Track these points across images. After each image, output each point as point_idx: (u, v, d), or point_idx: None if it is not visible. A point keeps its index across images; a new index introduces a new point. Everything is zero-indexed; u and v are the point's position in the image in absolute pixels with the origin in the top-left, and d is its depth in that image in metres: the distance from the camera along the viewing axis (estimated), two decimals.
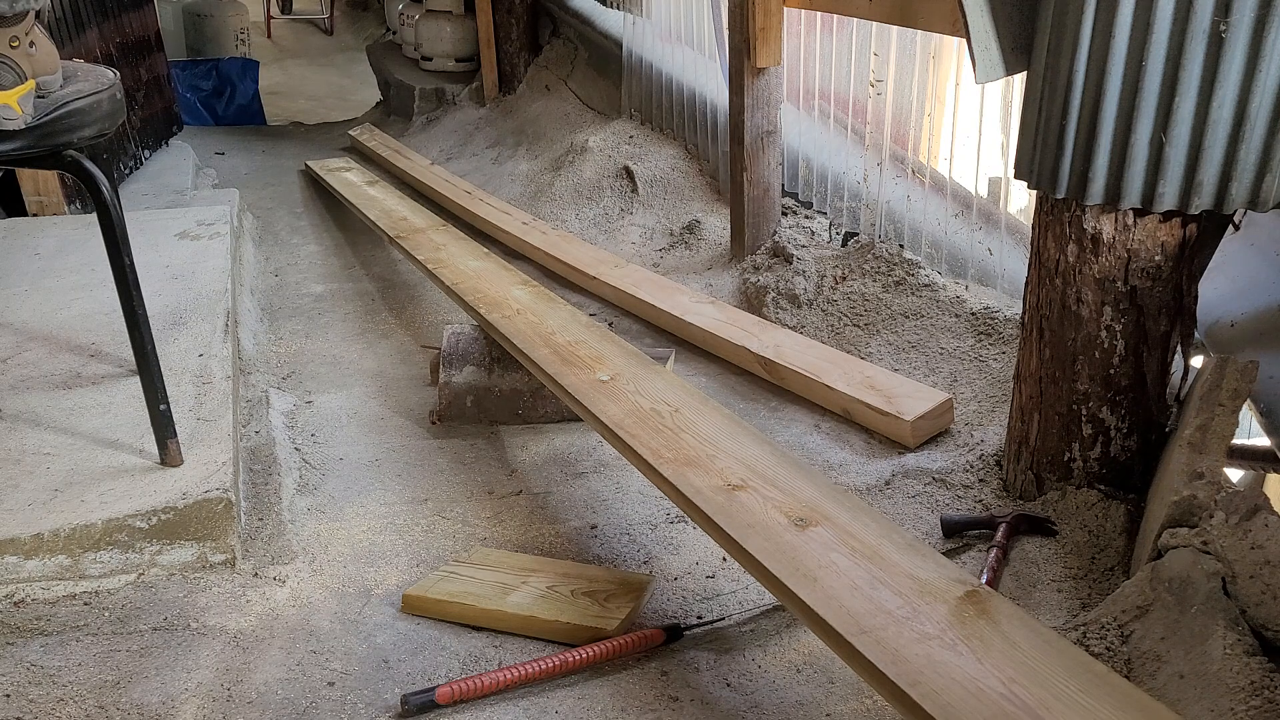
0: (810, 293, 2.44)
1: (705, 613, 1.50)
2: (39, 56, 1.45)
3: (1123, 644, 1.25)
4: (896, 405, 1.94)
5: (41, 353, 2.04)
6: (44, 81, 1.47)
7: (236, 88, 5.28)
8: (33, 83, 1.43)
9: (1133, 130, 1.34)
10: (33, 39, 1.44)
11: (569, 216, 3.40)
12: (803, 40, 2.83)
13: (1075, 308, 1.54)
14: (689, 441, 1.52)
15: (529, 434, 2.08)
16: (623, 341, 1.97)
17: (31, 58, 1.44)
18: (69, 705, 1.29)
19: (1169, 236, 1.45)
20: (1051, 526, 1.58)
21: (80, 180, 1.55)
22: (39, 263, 2.51)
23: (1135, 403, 1.55)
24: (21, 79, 1.41)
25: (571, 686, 1.34)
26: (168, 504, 1.56)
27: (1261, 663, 1.08)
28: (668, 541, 1.69)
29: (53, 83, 1.49)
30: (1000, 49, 1.47)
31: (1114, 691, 1.01)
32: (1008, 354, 2.08)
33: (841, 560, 1.23)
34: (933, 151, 2.50)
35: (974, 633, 1.10)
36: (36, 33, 1.46)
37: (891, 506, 1.75)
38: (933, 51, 2.38)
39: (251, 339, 2.45)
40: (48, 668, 1.36)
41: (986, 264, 2.34)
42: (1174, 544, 1.28)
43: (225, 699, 1.31)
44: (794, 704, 1.31)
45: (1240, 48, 1.26)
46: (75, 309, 2.25)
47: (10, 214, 3.03)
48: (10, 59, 1.40)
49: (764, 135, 2.70)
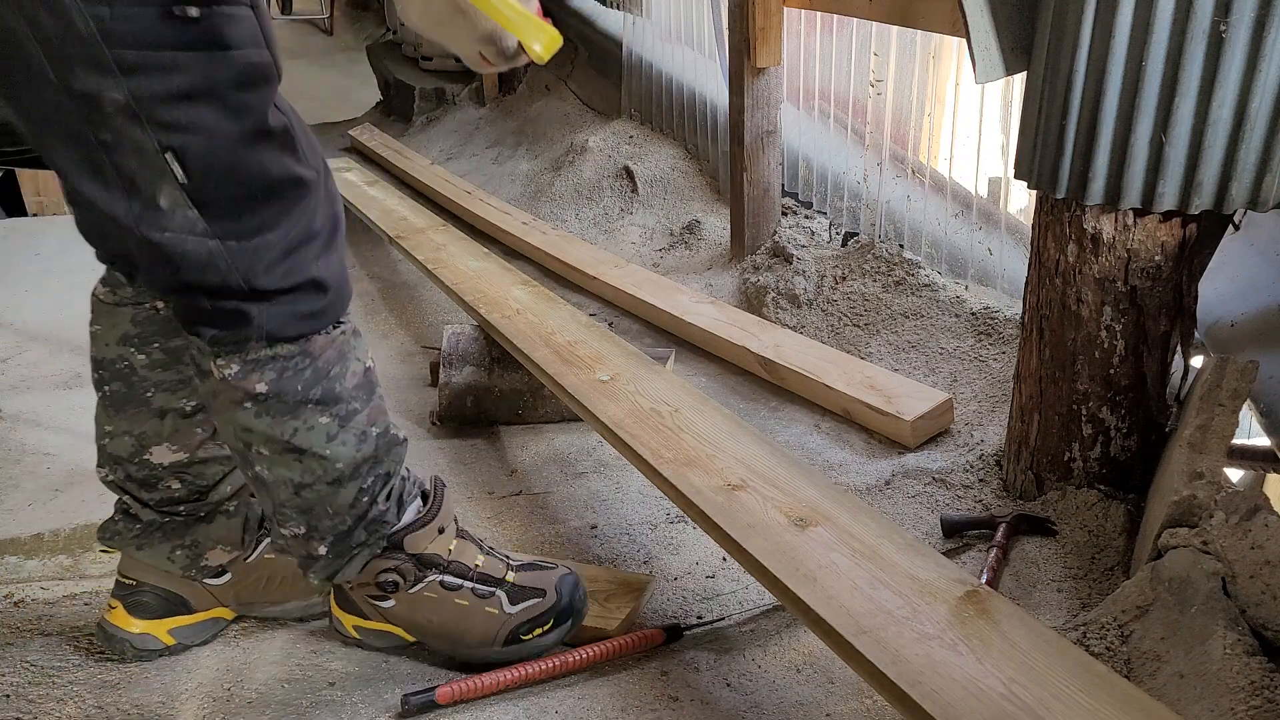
0: (810, 293, 2.44)
1: (705, 613, 1.50)
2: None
3: (1123, 644, 1.25)
4: (896, 405, 1.94)
5: (41, 353, 2.04)
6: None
7: None
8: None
9: (1133, 130, 1.34)
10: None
11: (569, 216, 3.40)
12: (803, 40, 2.83)
13: (1075, 308, 1.54)
14: (689, 441, 1.53)
15: (529, 434, 2.08)
16: (623, 341, 1.97)
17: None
18: (69, 705, 1.29)
19: (1169, 236, 1.45)
20: (1051, 526, 1.58)
21: None
22: (39, 263, 2.52)
23: (1135, 403, 1.55)
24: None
25: (571, 686, 1.34)
26: None
27: (1261, 663, 1.08)
28: (668, 541, 1.69)
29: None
30: (1000, 49, 1.47)
31: (1114, 691, 1.01)
32: (1008, 354, 2.08)
33: (841, 560, 1.23)
34: (933, 151, 2.50)
35: (974, 633, 1.10)
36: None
37: (891, 506, 1.75)
38: (933, 51, 2.38)
39: None
40: (47, 668, 1.36)
41: (986, 264, 2.34)
42: (1174, 544, 1.28)
43: (225, 699, 1.31)
44: (794, 704, 1.31)
45: (1240, 48, 1.26)
46: (75, 309, 2.24)
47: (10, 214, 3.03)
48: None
49: (764, 135, 2.70)
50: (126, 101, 0.93)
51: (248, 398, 1.14)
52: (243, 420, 1.16)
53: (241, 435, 1.18)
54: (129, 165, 0.97)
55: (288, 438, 1.17)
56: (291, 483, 1.20)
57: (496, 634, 1.33)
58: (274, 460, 1.19)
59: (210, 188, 1.01)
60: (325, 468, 1.20)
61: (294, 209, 1.07)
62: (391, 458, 1.27)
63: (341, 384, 1.18)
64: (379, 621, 1.36)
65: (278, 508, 1.24)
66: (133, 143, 0.95)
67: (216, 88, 0.96)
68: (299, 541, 1.26)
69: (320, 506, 1.22)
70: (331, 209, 1.14)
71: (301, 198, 1.07)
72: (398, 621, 1.35)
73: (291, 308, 1.11)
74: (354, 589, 1.35)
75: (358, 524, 1.26)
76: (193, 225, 1.02)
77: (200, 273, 1.06)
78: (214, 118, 0.97)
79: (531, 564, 1.40)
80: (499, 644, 1.33)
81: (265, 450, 1.18)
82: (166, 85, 0.93)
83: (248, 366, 1.12)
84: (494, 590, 1.34)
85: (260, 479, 1.22)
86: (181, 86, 0.94)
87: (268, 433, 1.16)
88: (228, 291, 1.07)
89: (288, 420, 1.16)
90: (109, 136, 0.95)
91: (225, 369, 1.13)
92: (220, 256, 1.04)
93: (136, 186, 0.99)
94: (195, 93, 0.95)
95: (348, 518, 1.24)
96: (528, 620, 1.33)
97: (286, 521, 1.24)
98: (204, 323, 1.11)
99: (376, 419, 1.24)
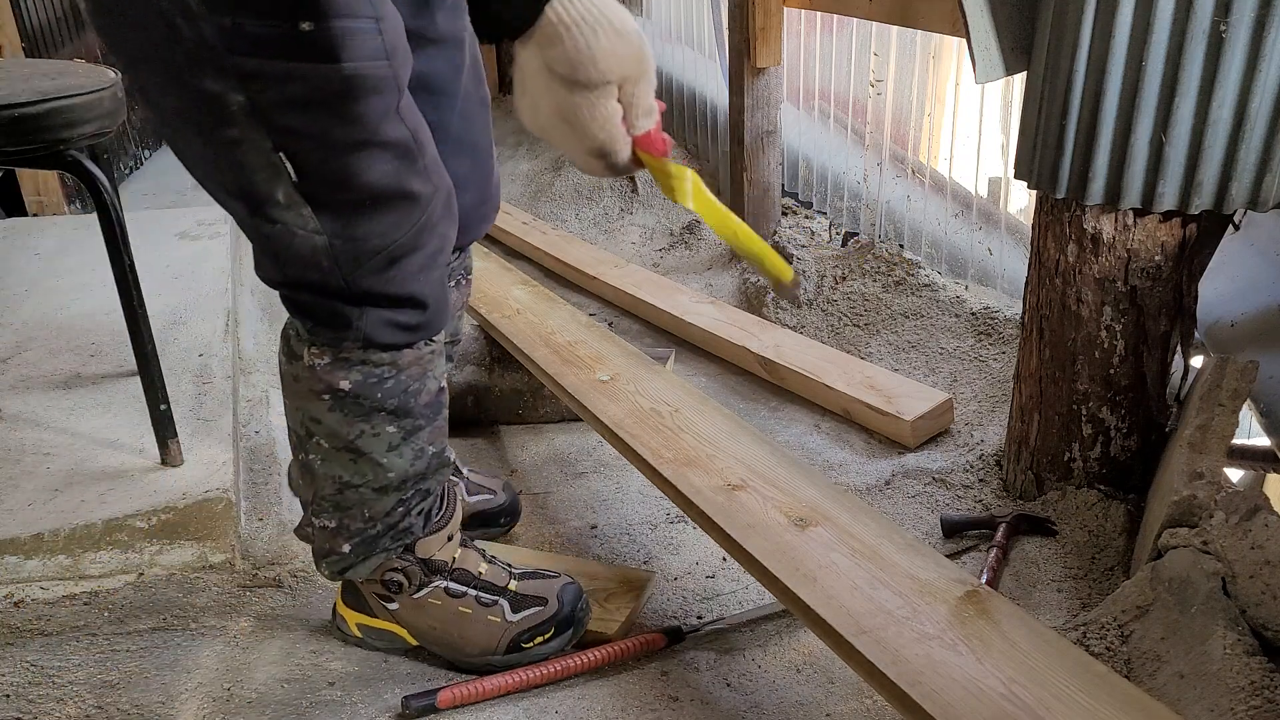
0: (810, 293, 2.44)
1: (705, 613, 1.50)
2: None
3: (1123, 644, 1.25)
4: (896, 405, 1.94)
5: (41, 353, 2.04)
6: None
7: None
8: None
9: (1133, 130, 1.34)
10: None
11: (569, 216, 3.40)
12: (803, 40, 2.83)
13: (1075, 308, 1.54)
14: (689, 441, 1.53)
15: (529, 434, 2.08)
16: (623, 341, 1.97)
17: None
18: (69, 705, 1.29)
19: (1169, 236, 1.45)
20: (1051, 526, 1.58)
21: (80, 180, 1.55)
22: (39, 263, 2.51)
23: (1135, 403, 1.55)
24: None
25: (571, 686, 1.34)
26: (168, 504, 1.55)
27: (1261, 663, 1.08)
28: (668, 541, 1.69)
29: None
30: (1000, 49, 1.47)
31: (1114, 691, 1.01)
32: (1008, 354, 2.08)
33: (841, 560, 1.23)
34: (933, 151, 2.50)
35: (974, 633, 1.10)
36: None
37: (891, 506, 1.75)
38: (933, 51, 2.38)
39: (251, 339, 2.45)
40: (47, 668, 1.36)
41: (986, 264, 2.34)
42: (1174, 544, 1.28)
43: (225, 699, 1.31)
44: (794, 704, 1.31)
45: (1240, 48, 1.26)
46: (75, 309, 2.25)
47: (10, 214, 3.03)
48: None
49: (764, 135, 2.70)
50: (246, 105, 0.98)
51: (329, 391, 1.16)
52: (315, 411, 1.18)
53: (308, 423, 1.20)
54: (250, 162, 1.02)
55: (352, 438, 1.19)
56: (339, 480, 1.22)
57: (498, 641, 1.33)
58: (330, 455, 1.21)
59: (321, 190, 1.04)
60: (377, 474, 1.22)
61: (404, 221, 1.08)
62: (437, 477, 1.29)
63: (416, 400, 1.20)
64: (384, 620, 1.37)
65: (317, 498, 1.25)
66: (252, 142, 1.00)
67: (328, 98, 0.98)
68: (326, 534, 1.28)
69: (358, 509, 1.24)
70: (446, 228, 1.14)
71: (411, 211, 1.08)
72: (402, 623, 1.36)
73: (390, 316, 1.13)
74: (362, 584, 1.36)
75: (386, 532, 1.28)
76: (304, 222, 1.05)
77: (304, 269, 1.09)
78: (325, 125, 1.00)
79: (533, 573, 1.41)
80: (500, 652, 1.34)
81: (326, 443, 1.20)
82: (281, 92, 0.97)
83: (339, 363, 1.15)
84: (497, 598, 1.35)
85: (309, 467, 1.24)
86: (294, 94, 0.97)
87: (335, 428, 1.18)
88: (329, 290, 1.10)
89: (358, 422, 1.18)
90: (234, 134, 1.00)
91: (318, 359, 1.15)
92: (325, 254, 1.07)
93: (255, 182, 1.03)
94: (307, 100, 0.98)
95: (380, 524, 1.26)
96: (529, 628, 1.34)
97: (321, 513, 1.26)
98: (305, 315, 1.15)
99: (436, 439, 1.26)
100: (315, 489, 1.25)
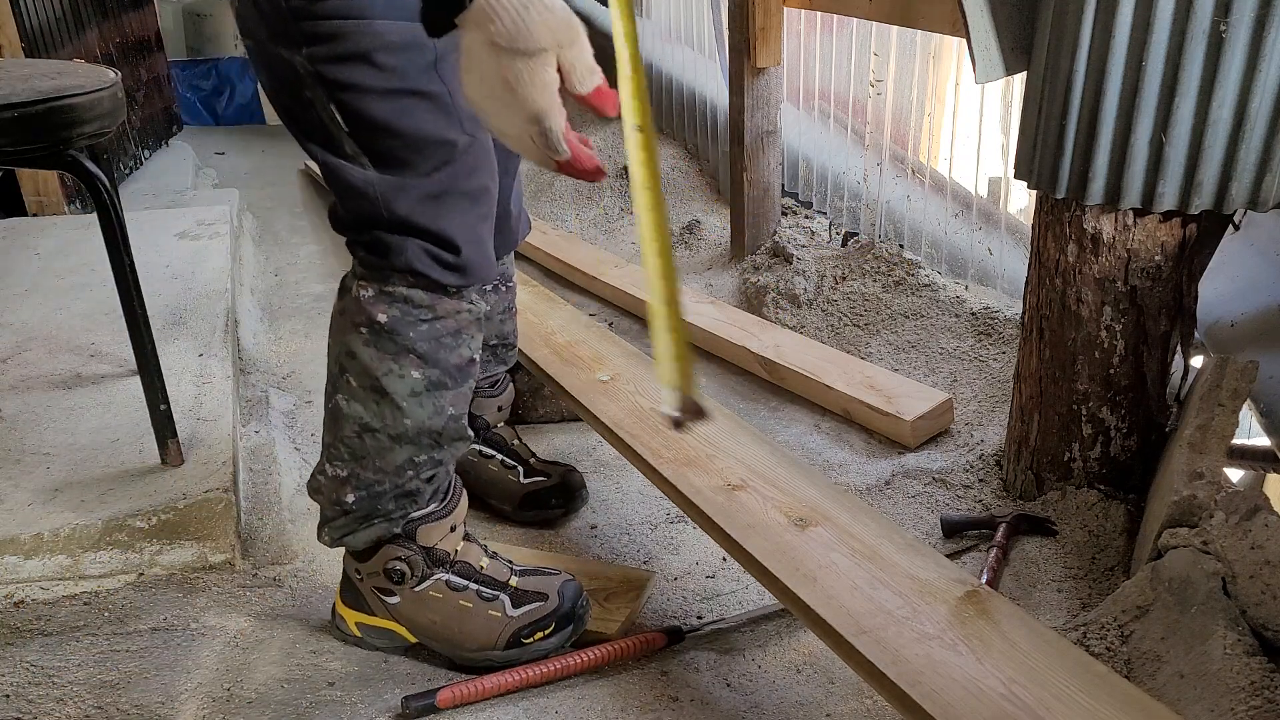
0: (810, 293, 2.44)
1: (705, 613, 1.50)
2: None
3: (1123, 644, 1.25)
4: (896, 405, 1.94)
5: (41, 353, 2.04)
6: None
7: (236, 87, 5.27)
8: None
9: (1133, 130, 1.34)
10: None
11: (569, 216, 3.40)
12: (803, 40, 2.83)
13: (1075, 308, 1.54)
14: (689, 441, 1.53)
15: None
16: (623, 341, 1.97)
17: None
18: (69, 705, 1.29)
19: (1169, 236, 1.45)
20: (1051, 526, 1.58)
21: (80, 180, 1.55)
22: (39, 263, 2.52)
23: (1135, 403, 1.55)
24: None
25: (571, 686, 1.34)
26: (168, 504, 1.56)
27: (1261, 663, 1.08)
28: (668, 541, 1.69)
29: None
30: (1000, 49, 1.47)
31: (1114, 691, 1.01)
32: (1008, 354, 2.08)
33: (841, 560, 1.23)
34: (933, 151, 2.50)
35: (974, 633, 1.10)
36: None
37: (891, 506, 1.75)
38: (933, 51, 2.38)
39: (251, 339, 2.45)
40: (47, 668, 1.36)
41: (986, 264, 2.34)
42: (1174, 544, 1.28)
43: (225, 699, 1.31)
44: (794, 704, 1.31)
45: (1240, 48, 1.26)
46: (75, 309, 2.25)
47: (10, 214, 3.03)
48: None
49: (764, 135, 2.70)
50: (308, 65, 1.13)
51: (368, 323, 1.24)
52: (352, 344, 1.25)
53: (343, 359, 1.27)
54: (321, 116, 1.17)
55: (380, 375, 1.25)
56: (360, 421, 1.27)
57: (498, 636, 1.34)
58: (357, 394, 1.27)
59: (366, 135, 1.17)
60: (396, 419, 1.27)
61: (444, 165, 1.20)
62: (451, 448, 1.33)
63: (446, 355, 1.27)
64: (383, 618, 1.37)
65: (336, 440, 1.30)
66: (318, 97, 1.16)
67: (367, 52, 1.12)
68: (335, 483, 1.31)
69: (371, 458, 1.28)
70: (482, 178, 1.24)
71: (448, 156, 1.19)
72: (401, 620, 1.36)
73: (428, 248, 1.21)
74: (362, 580, 1.37)
75: (392, 491, 1.31)
76: (359, 158, 1.19)
77: (356, 199, 1.20)
78: (365, 77, 1.13)
79: (534, 569, 1.42)
80: (500, 647, 1.34)
81: (355, 382, 1.26)
82: (330, 50, 1.12)
83: (382, 296, 1.23)
84: (498, 593, 1.36)
85: (337, 409, 1.29)
86: (339, 51, 1.12)
87: (366, 364, 1.25)
88: (373, 218, 1.21)
89: (388, 360, 1.25)
90: (309, 94, 1.16)
91: (363, 289, 1.24)
92: (371, 184, 1.19)
93: (329, 132, 1.18)
94: (350, 55, 1.13)
95: (388, 481, 1.30)
96: (530, 624, 1.35)
97: (336, 459, 1.30)
98: (358, 245, 1.25)
99: (458, 404, 1.31)
100: (336, 431, 1.30)
